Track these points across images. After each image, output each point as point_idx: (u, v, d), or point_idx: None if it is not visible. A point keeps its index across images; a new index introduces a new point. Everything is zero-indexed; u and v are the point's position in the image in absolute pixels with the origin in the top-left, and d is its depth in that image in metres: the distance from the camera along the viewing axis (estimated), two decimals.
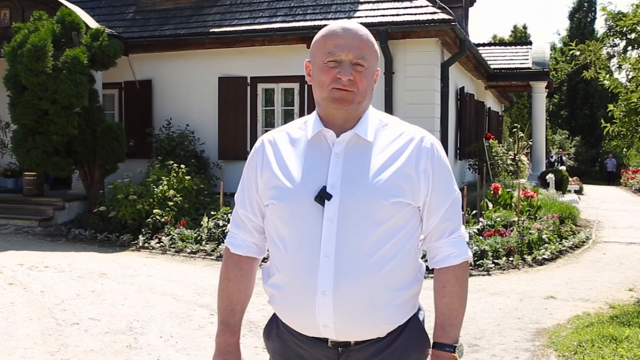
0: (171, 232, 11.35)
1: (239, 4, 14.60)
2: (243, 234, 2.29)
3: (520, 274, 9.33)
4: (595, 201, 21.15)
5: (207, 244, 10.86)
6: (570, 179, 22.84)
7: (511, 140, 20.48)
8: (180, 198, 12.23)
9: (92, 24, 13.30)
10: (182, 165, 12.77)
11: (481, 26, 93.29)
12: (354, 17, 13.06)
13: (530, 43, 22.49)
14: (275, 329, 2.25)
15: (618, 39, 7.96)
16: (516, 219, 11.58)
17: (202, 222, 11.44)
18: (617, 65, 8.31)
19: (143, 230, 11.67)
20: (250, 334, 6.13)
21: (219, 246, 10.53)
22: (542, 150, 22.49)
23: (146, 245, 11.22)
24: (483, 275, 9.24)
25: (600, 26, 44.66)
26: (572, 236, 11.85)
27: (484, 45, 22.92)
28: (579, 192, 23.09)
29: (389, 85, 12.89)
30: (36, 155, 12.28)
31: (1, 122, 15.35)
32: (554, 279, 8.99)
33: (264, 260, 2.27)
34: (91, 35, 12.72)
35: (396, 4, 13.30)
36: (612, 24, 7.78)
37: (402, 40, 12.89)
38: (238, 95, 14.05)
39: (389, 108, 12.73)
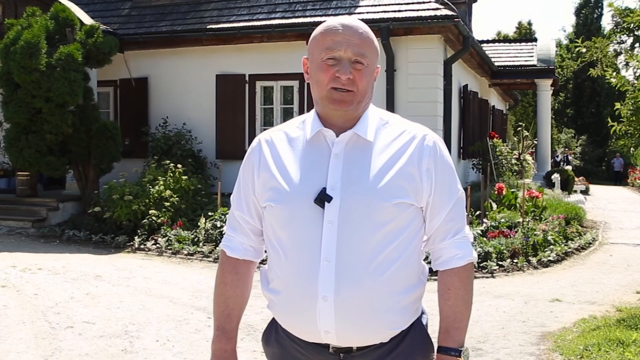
0: (167, 234, 11.26)
1: (237, 0, 14.47)
2: (239, 237, 2.23)
3: (525, 276, 9.27)
4: (602, 202, 21.13)
5: (204, 245, 10.77)
6: (576, 179, 22.78)
7: (516, 139, 20.39)
8: (177, 198, 12.14)
9: (87, 20, 13.20)
10: (179, 165, 12.68)
11: (485, 22, 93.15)
12: (355, 13, 13.02)
13: (535, 40, 22.47)
14: (274, 334, 2.21)
15: (625, 35, 7.91)
16: (521, 219, 11.50)
17: (199, 223, 11.36)
18: (625, 63, 8.18)
19: (139, 231, 11.59)
20: (248, 337, 6.10)
21: (217, 248, 10.40)
22: (548, 149, 22.45)
23: (142, 246, 11.15)
24: (487, 277, 9.18)
25: (607, 23, 44.77)
26: (578, 237, 11.77)
27: (487, 42, 22.86)
28: (585, 192, 22.98)
29: (390, 83, 12.82)
30: (29, 155, 12.19)
31: None
32: (560, 282, 8.93)
33: (262, 262, 2.24)
34: (86, 32, 12.62)
35: (398, 0, 13.15)
36: (619, 20, 7.70)
37: (404, 37, 12.80)
38: (236, 93, 13.96)
39: (390, 106, 12.65)
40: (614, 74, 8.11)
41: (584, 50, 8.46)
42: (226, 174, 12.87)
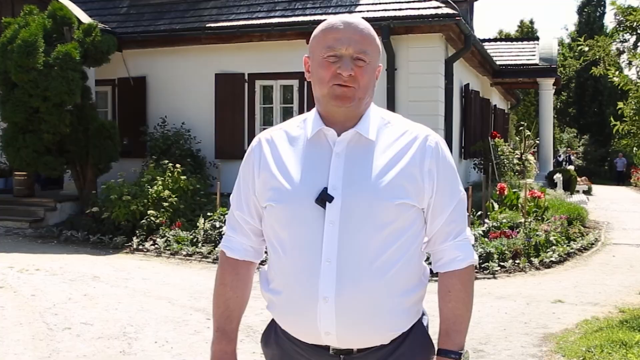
0: (166, 234, 11.21)
1: None
2: (239, 237, 2.22)
3: (527, 277, 9.25)
4: (605, 202, 21.05)
5: (203, 246, 10.72)
6: (578, 178, 22.70)
7: (518, 138, 20.35)
8: (176, 199, 12.06)
9: (85, 18, 13.18)
10: (178, 165, 12.59)
11: (487, 21, 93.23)
12: (355, 12, 12.98)
13: (537, 38, 22.42)
14: (273, 336, 2.20)
15: (628, 34, 7.84)
16: (523, 220, 11.43)
17: (198, 224, 11.30)
18: (627, 62, 8.10)
19: (137, 232, 11.53)
20: (248, 339, 6.07)
21: (216, 248, 10.39)
22: (550, 149, 22.39)
23: (140, 247, 11.10)
24: (489, 278, 9.15)
25: (609, 21, 44.58)
26: (580, 238, 11.72)
27: (489, 40, 22.84)
28: (587, 192, 22.88)
29: (391, 82, 12.75)
30: (27, 155, 12.15)
31: None
32: (562, 283, 8.91)
33: (262, 263, 2.23)
34: (83, 31, 12.58)
35: None
36: (622, 18, 7.62)
37: (404, 36, 12.75)
38: (235, 93, 13.89)
39: (391, 106, 12.60)
40: (617, 73, 8.04)
41: (586, 48, 8.36)
42: (225, 173, 12.87)
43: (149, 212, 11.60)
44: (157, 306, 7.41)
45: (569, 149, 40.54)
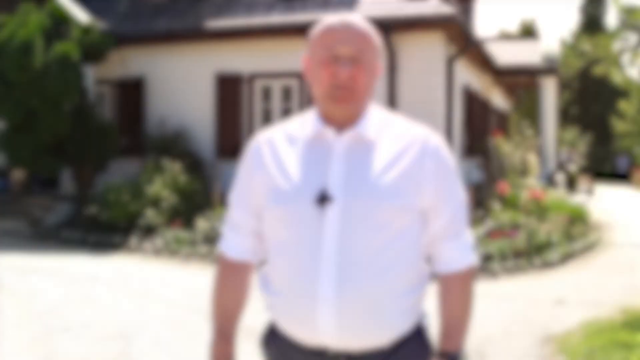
0: (165, 234, 11.18)
1: None
2: (238, 238, 2.21)
3: (528, 278, 9.22)
4: (607, 202, 21.04)
5: (202, 246, 10.68)
6: (580, 178, 22.59)
7: (519, 138, 20.22)
8: (174, 199, 12.02)
9: (83, 18, 13.22)
10: (177, 165, 12.56)
11: (488, 20, 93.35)
12: (356, 11, 12.91)
13: (538, 38, 22.28)
14: (273, 337, 2.19)
15: (630, 33, 7.72)
16: (524, 220, 11.36)
17: (197, 224, 11.25)
18: (630, 61, 8.04)
19: (136, 232, 11.50)
20: (247, 340, 5.93)
21: (215, 249, 10.28)
22: (551, 148, 22.29)
23: (139, 247, 11.08)
24: (490, 279, 9.11)
25: (612, 20, 44.71)
26: (582, 238, 11.69)
27: (490, 40, 22.59)
28: (589, 192, 22.85)
29: (391, 81, 12.72)
30: (25, 154, 12.21)
31: None
32: (564, 283, 8.89)
33: (261, 264, 2.23)
34: (82, 30, 12.63)
35: None
36: (624, 18, 7.53)
37: (405, 35, 12.71)
38: (235, 92, 13.87)
39: (391, 105, 12.57)
40: (619, 72, 8.00)
41: (588, 48, 8.33)
42: (224, 174, 12.82)
43: (147, 212, 11.58)
44: (156, 307, 7.40)
45: (570, 148, 40.48)
